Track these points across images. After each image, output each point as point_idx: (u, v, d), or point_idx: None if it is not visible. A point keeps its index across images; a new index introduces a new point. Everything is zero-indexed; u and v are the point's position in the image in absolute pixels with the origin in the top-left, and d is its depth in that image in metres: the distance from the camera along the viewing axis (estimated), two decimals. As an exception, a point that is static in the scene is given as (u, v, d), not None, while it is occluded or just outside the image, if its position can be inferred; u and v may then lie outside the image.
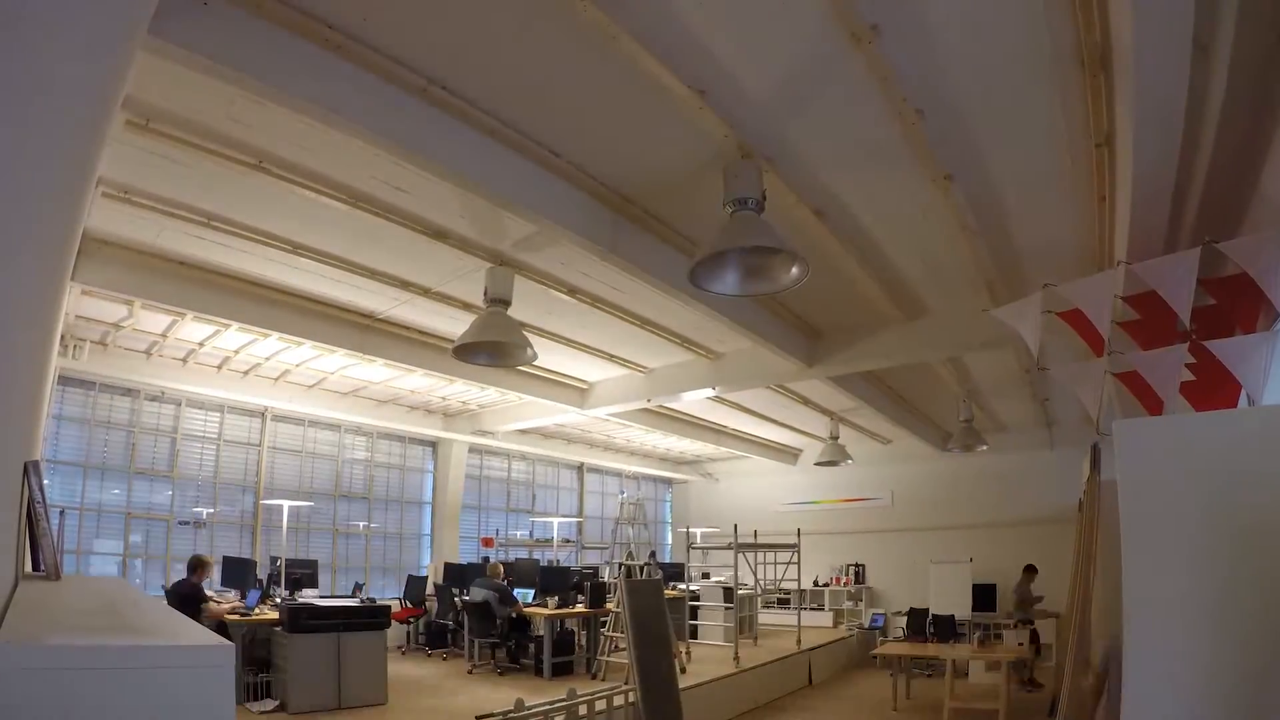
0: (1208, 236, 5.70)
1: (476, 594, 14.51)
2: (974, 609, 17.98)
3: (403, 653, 16.61)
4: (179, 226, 8.94)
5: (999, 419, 19.23)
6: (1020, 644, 15.24)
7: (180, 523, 15.39)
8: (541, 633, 14.16)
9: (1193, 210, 6.89)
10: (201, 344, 13.25)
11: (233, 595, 13.37)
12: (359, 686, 10.81)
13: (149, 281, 10.02)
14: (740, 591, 20.48)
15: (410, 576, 18.57)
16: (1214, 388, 5.89)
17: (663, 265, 9.36)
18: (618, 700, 10.02)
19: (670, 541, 29.01)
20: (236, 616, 11.44)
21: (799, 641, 17.23)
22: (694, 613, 19.61)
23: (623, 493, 25.92)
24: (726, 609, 18.75)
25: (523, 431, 20.94)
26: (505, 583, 15.22)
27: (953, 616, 15.27)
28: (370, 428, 19.09)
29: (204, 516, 15.81)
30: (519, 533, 22.89)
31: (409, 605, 17.76)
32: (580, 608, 14.90)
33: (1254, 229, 6.49)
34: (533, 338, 12.99)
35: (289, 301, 11.37)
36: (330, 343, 12.37)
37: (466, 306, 11.66)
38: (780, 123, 6.92)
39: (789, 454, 25.07)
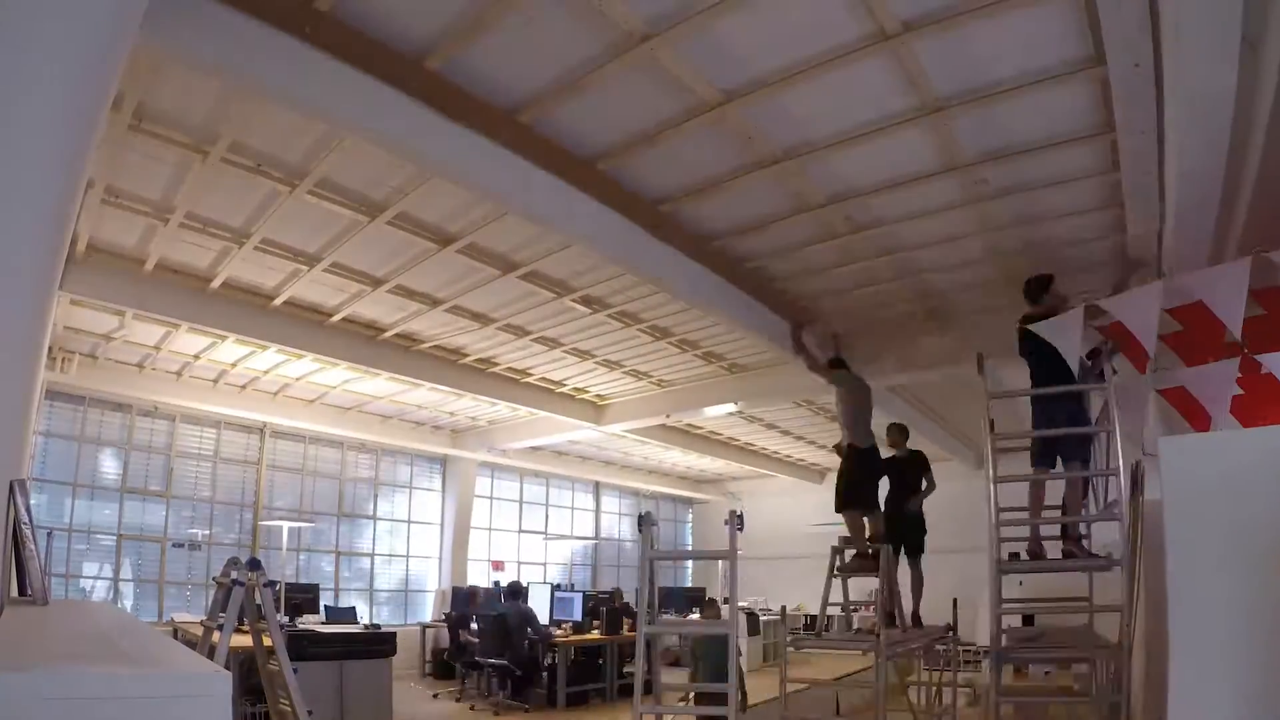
0: (1258, 245, 5.68)
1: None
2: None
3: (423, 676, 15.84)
4: (173, 233, 8.96)
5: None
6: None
7: (174, 545, 15.38)
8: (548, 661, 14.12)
9: (1241, 218, 6.86)
10: (197, 356, 13.27)
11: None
12: (362, 717, 10.77)
13: (141, 290, 10.05)
14: (764, 618, 20.49)
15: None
16: (1265, 403, 5.87)
17: (681, 274, 9.38)
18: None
19: (690, 564, 28.98)
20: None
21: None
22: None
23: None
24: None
25: (534, 449, 20.95)
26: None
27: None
28: (375, 444, 19.09)
29: (199, 538, 15.80)
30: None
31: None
32: (596, 634, 14.87)
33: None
34: (544, 350, 13.04)
35: (289, 312, 11.41)
36: (333, 355, 12.43)
37: (477, 318, 11.70)
38: (803, 123, 6.95)
39: (815, 472, 25.08)
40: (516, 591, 14.73)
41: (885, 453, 11.50)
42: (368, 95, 6.18)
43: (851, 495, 10.53)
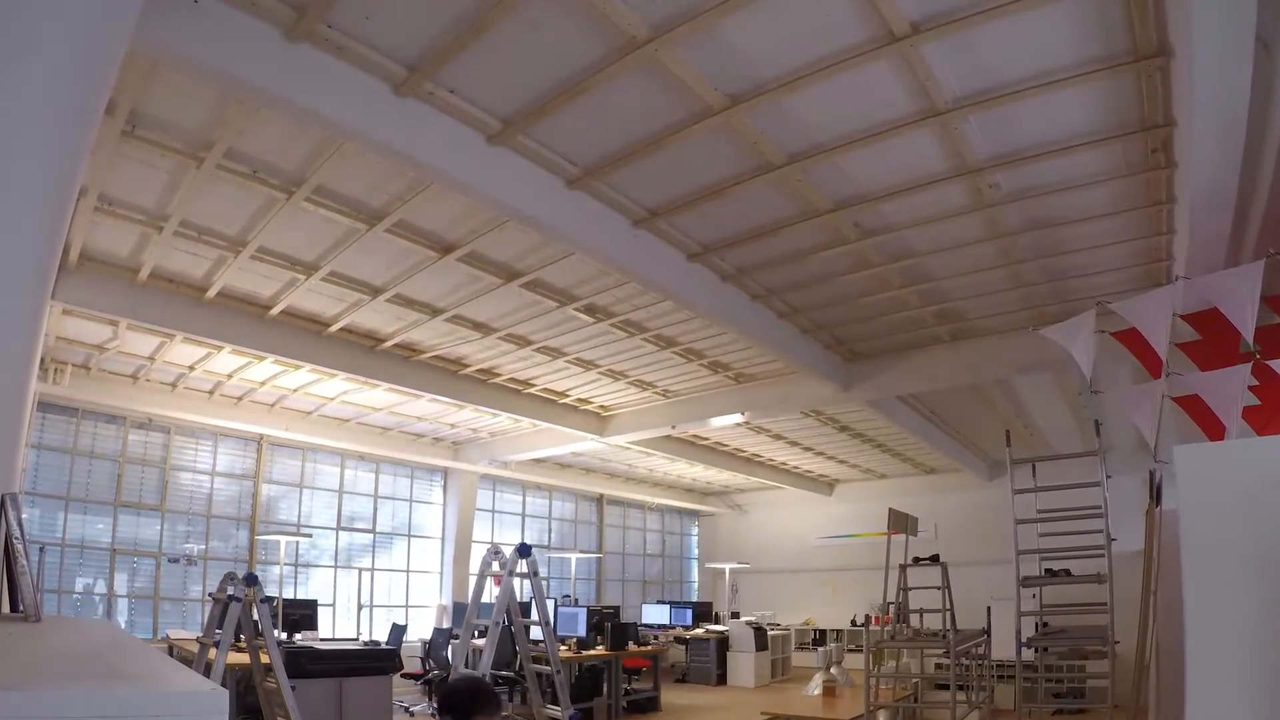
0: (1271, 249, 5.67)
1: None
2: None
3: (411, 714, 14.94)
4: (167, 241, 8.97)
5: (1052, 446, 19.05)
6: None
7: (170, 559, 15.38)
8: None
9: (1256, 221, 6.86)
10: (192, 367, 13.30)
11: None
12: (362, 736, 10.71)
13: (135, 300, 10.06)
14: (772, 632, 20.47)
15: (394, 625, 16.23)
16: (1278, 411, 5.87)
17: (687, 282, 9.39)
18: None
19: (697, 578, 29.01)
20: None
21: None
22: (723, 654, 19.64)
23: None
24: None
25: (537, 461, 20.96)
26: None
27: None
28: (374, 457, 19.11)
29: (195, 553, 15.80)
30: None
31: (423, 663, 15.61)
32: (601, 649, 14.84)
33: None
34: (547, 360, 13.03)
35: (286, 322, 11.44)
36: (331, 366, 12.42)
37: (478, 328, 11.73)
38: (809, 128, 6.95)
39: (824, 484, 25.09)
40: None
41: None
42: (366, 100, 6.21)
43: None
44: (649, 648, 16.84)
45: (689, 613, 21.29)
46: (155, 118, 6.82)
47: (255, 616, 8.35)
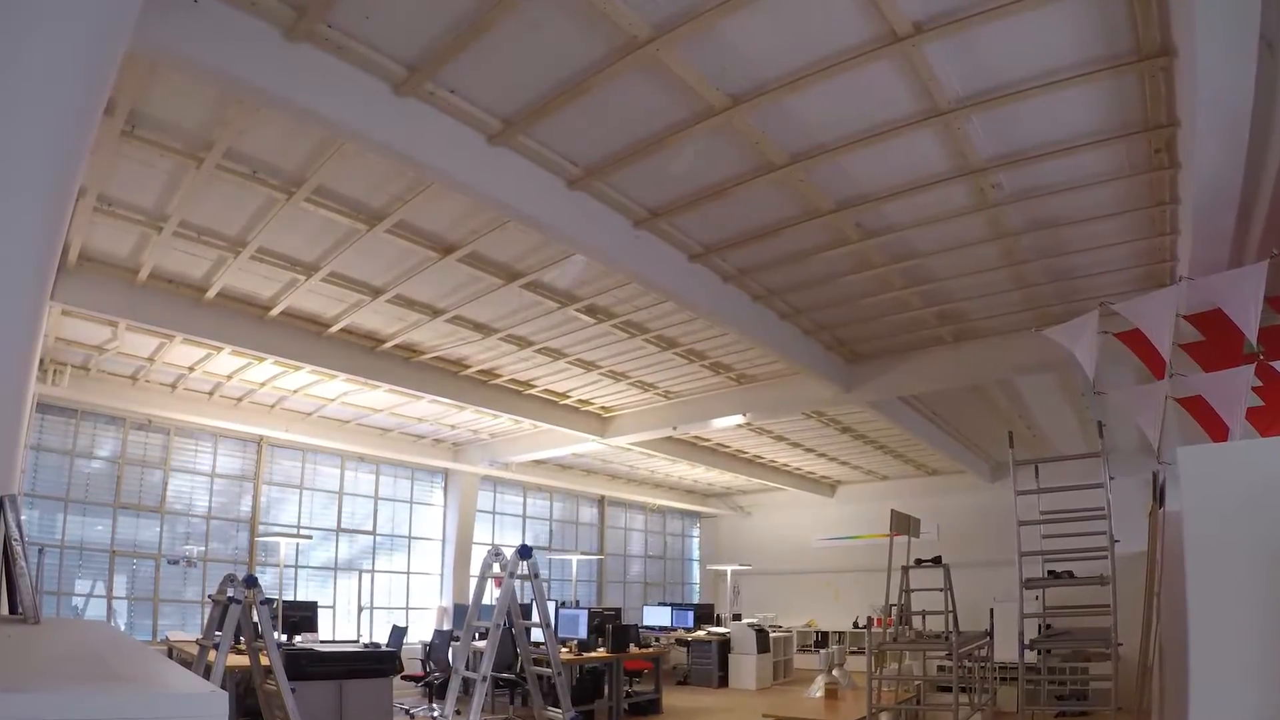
0: (1275, 249, 5.66)
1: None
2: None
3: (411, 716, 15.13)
4: (166, 241, 8.96)
5: (1055, 447, 19.03)
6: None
7: (169, 561, 15.35)
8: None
9: (1260, 221, 6.85)
10: (191, 368, 13.28)
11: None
12: (362, 738, 10.69)
13: (134, 301, 10.04)
14: (774, 635, 20.45)
15: (394, 627, 16.15)
16: (1282, 412, 5.86)
17: (683, 279, 9.38)
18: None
19: (698, 580, 29.04)
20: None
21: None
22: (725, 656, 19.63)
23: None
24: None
25: (538, 462, 20.94)
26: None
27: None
28: (374, 458, 19.09)
29: (194, 554, 15.76)
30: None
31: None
32: (602, 651, 14.82)
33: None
34: (548, 361, 13.02)
35: (286, 322, 11.42)
36: (331, 367, 12.39)
37: (479, 328, 11.73)
38: (811, 128, 6.95)
39: (826, 485, 25.09)
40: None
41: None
42: (366, 100, 6.21)
43: None
44: (650, 650, 16.91)
45: (690, 615, 21.27)
46: (155, 118, 6.82)
47: (255, 618, 8.34)
